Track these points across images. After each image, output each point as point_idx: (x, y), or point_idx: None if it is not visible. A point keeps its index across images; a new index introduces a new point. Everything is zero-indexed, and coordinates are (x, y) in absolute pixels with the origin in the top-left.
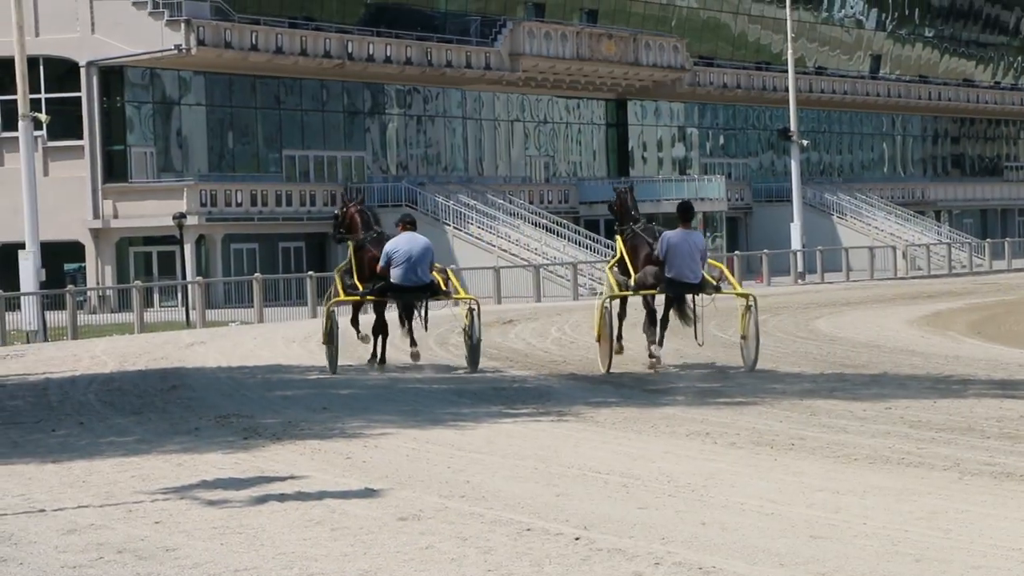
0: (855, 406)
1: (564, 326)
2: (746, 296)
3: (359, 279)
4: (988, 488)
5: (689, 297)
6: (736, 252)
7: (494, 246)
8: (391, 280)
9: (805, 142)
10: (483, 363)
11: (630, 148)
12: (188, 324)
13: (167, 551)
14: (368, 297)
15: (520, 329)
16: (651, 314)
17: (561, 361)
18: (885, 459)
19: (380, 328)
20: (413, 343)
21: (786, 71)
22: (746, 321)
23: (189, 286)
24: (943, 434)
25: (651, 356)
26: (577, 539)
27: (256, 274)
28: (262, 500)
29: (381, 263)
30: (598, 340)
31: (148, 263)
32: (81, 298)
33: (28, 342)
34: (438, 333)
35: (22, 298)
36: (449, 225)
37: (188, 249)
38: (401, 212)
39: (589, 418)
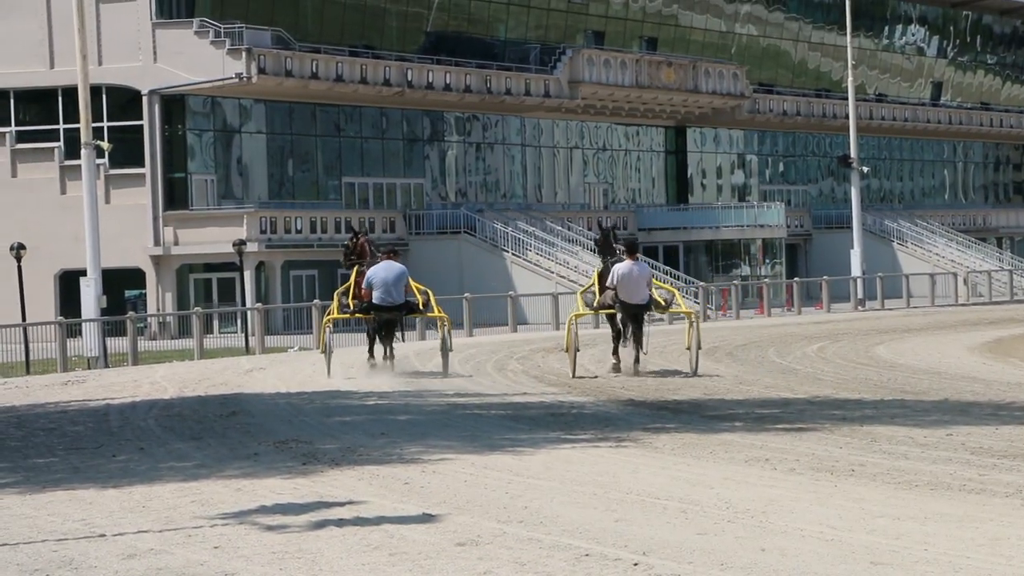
0: (916, 432)
1: (623, 352)
2: (689, 314)
3: (355, 298)
4: None
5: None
6: (796, 279)
7: (552, 272)
8: (373, 301)
9: (865, 169)
10: (542, 389)
11: (689, 175)
12: (247, 350)
13: None
14: (356, 314)
15: (579, 355)
16: (617, 332)
17: (619, 387)
18: (946, 485)
19: (372, 338)
20: (390, 355)
21: (846, 98)
22: (690, 335)
23: (249, 312)
24: (1005, 460)
25: (615, 361)
26: (636, 565)
27: (315, 300)
28: (321, 525)
29: (363, 287)
30: (566, 351)
31: (208, 290)
32: (142, 324)
33: (89, 368)
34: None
35: (83, 324)
36: (507, 252)
37: (248, 275)
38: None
39: (648, 444)
